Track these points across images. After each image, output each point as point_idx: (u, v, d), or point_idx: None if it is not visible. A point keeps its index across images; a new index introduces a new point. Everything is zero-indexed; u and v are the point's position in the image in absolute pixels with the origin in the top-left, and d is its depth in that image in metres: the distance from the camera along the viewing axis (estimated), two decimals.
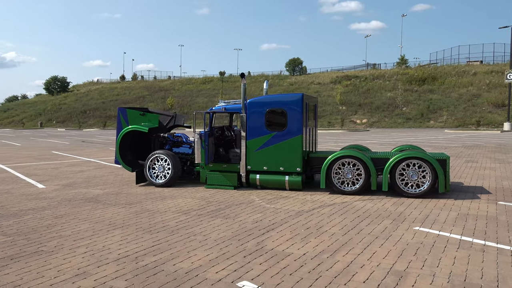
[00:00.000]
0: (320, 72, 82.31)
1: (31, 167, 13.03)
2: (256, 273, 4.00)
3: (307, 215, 6.36)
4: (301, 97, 8.27)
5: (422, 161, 7.63)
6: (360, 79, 69.45)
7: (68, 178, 10.45)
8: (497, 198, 7.59)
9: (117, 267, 4.20)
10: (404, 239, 5.12)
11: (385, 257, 4.45)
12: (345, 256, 4.49)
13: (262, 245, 4.89)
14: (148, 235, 5.34)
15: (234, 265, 4.22)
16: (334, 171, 8.11)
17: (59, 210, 6.84)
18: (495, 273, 3.98)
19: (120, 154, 9.41)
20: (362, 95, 62.94)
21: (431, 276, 3.91)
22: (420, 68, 71.12)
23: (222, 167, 8.95)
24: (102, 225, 5.86)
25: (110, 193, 8.42)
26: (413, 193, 7.68)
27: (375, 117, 55.42)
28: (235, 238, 5.19)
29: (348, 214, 6.45)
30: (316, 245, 4.88)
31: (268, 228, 5.62)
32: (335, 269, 4.09)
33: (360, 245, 4.86)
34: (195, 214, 6.49)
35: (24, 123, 71.79)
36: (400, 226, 5.73)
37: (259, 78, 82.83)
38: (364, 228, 5.61)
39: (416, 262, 4.28)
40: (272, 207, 6.97)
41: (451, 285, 3.70)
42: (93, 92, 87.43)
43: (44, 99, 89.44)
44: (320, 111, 59.97)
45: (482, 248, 4.75)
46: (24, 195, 8.22)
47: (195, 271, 4.05)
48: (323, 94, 66.04)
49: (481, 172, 11.09)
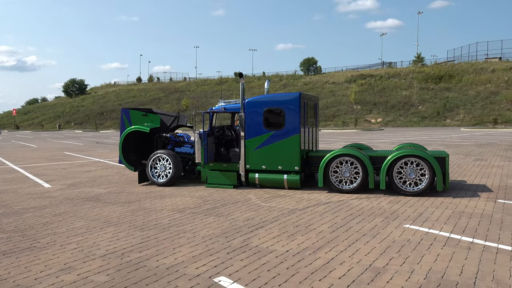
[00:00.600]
0: (335, 72, 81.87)
1: (42, 167, 13.35)
2: (235, 269, 4.06)
3: (299, 213, 6.39)
4: (298, 96, 8.29)
5: (420, 159, 7.58)
6: (375, 78, 68.84)
7: (74, 178, 10.68)
8: (497, 196, 7.49)
9: (102, 262, 4.31)
10: (391, 236, 5.11)
11: (367, 254, 4.46)
12: (328, 253, 4.51)
13: (247, 242, 4.95)
14: (139, 232, 5.45)
15: (216, 261, 4.29)
16: (332, 170, 8.11)
17: (59, 209, 7.01)
18: (475, 270, 3.95)
19: (123, 154, 9.58)
20: (377, 94, 62.38)
21: (409, 272, 3.91)
22: (436, 65, 70.10)
23: (222, 167, 9.04)
24: (97, 223, 6.00)
25: (112, 192, 8.58)
26: (411, 191, 7.63)
27: (390, 116, 54.87)
28: (223, 235, 5.26)
29: (341, 212, 6.45)
30: (301, 242, 4.91)
31: (257, 226, 5.68)
32: (314, 265, 4.12)
33: (345, 243, 4.87)
34: (189, 212, 6.59)
35: (43, 125, 73.28)
36: (391, 224, 5.71)
37: (274, 78, 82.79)
38: (353, 226, 5.61)
39: (398, 259, 4.28)
40: (267, 205, 7.02)
41: (427, 281, 3.70)
42: (110, 94, 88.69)
43: (63, 101, 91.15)
44: (334, 110, 59.66)
45: (469, 245, 4.72)
46: (30, 194, 8.44)
47: (176, 267, 4.13)
48: (337, 94, 65.68)
49: (487, 170, 10.92)
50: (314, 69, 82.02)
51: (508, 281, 3.68)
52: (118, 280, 3.82)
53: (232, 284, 3.67)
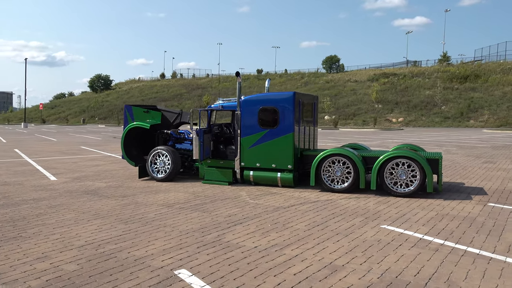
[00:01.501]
0: (357, 70, 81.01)
1: (54, 161, 13.83)
2: (198, 262, 4.22)
3: (283, 211, 6.50)
4: (293, 96, 8.38)
5: (411, 160, 7.57)
6: (398, 77, 67.82)
7: (81, 172, 11.05)
8: (490, 200, 7.42)
9: (77, 252, 4.54)
10: (364, 236, 5.17)
11: (332, 252, 4.55)
12: (294, 250, 4.62)
13: (221, 237, 5.10)
14: (122, 225, 5.68)
15: (183, 254, 4.46)
16: (324, 169, 8.18)
17: (56, 201, 7.33)
18: (432, 271, 4.00)
19: (124, 149, 9.88)
20: (400, 93, 61.48)
21: (366, 271, 3.99)
22: (462, 65, 68.53)
23: (219, 163, 9.22)
24: (86, 215, 6.26)
25: (112, 186, 8.88)
26: (401, 192, 7.63)
27: (411, 116, 54.03)
28: (200, 230, 5.43)
29: (324, 211, 6.53)
30: (273, 239, 5.04)
31: (237, 222, 5.82)
32: (275, 261, 4.24)
33: (316, 241, 4.97)
34: (177, 207, 6.79)
35: (68, 119, 75.16)
36: (369, 224, 5.77)
37: (295, 76, 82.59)
38: (330, 225, 5.69)
39: (360, 258, 4.36)
40: (254, 202, 7.16)
41: (379, 280, 3.77)
42: (134, 89, 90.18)
43: (89, 96, 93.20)
44: (355, 109, 59.11)
45: (438, 247, 4.75)
46: (34, 187, 8.81)
47: (143, 259, 4.32)
48: (359, 92, 65.02)
49: (492, 173, 10.76)
50: (336, 67, 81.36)
51: (460, 283, 3.72)
52: (85, 270, 4.03)
53: (190, 277, 3.84)
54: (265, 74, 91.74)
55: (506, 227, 5.62)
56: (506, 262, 4.26)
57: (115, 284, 3.67)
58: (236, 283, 3.70)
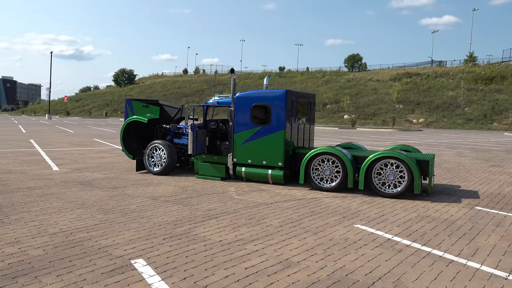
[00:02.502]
0: (380, 69, 79.91)
1: (63, 152, 14.23)
2: (158, 253, 4.33)
3: (263, 207, 6.57)
4: (285, 93, 8.41)
5: (399, 161, 7.51)
6: (422, 77, 66.62)
7: (84, 163, 11.35)
8: (479, 204, 7.30)
9: (47, 239, 4.72)
10: (333, 235, 5.20)
11: (294, 249, 4.59)
12: (257, 245, 4.69)
13: (191, 231, 5.21)
14: (101, 216, 5.85)
15: (147, 245, 4.59)
16: (314, 168, 8.19)
17: (48, 190, 7.58)
18: (385, 271, 4.00)
19: (123, 142, 10.10)
20: (422, 93, 60.41)
21: (318, 268, 4.02)
22: (488, 66, 66.76)
23: (213, 159, 9.33)
24: (71, 205, 6.47)
25: (108, 177, 9.10)
26: (389, 193, 7.58)
27: (433, 117, 53.05)
28: (174, 223, 5.55)
29: (305, 209, 6.56)
30: (241, 234, 5.11)
31: (213, 216, 5.92)
32: (233, 255, 4.32)
33: (283, 237, 5.02)
34: (162, 200, 6.93)
35: (91, 112, 76.76)
36: (343, 223, 5.77)
37: (316, 74, 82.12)
38: (304, 223, 5.73)
39: (318, 256, 4.39)
40: (239, 198, 7.24)
41: (328, 278, 3.81)
42: (157, 84, 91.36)
43: (113, 90, 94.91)
44: (375, 109, 58.39)
45: (402, 248, 4.73)
46: (34, 176, 9.12)
47: (107, 248, 4.46)
48: (380, 92, 64.17)
49: (494, 177, 10.54)
50: (358, 66, 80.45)
51: (409, 284, 3.72)
52: (49, 255, 4.20)
53: (143, 266, 3.95)
54: (287, 71, 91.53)
55: (482, 231, 5.55)
56: (465, 266, 4.22)
57: (70, 270, 3.82)
58: (185, 274, 3.79)
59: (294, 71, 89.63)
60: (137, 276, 3.73)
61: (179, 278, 3.69)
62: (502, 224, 5.94)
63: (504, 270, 4.11)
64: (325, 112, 61.33)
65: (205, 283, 3.60)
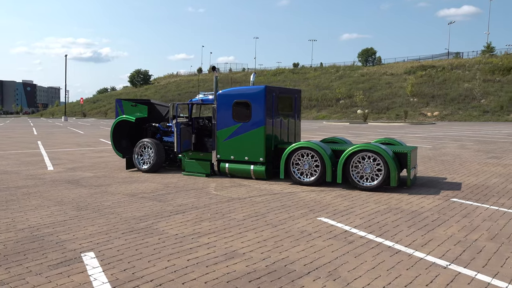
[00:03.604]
0: (394, 63, 78.92)
1: (64, 152, 14.60)
2: (111, 246, 4.49)
3: (235, 202, 6.68)
4: (263, 89, 8.49)
5: (376, 154, 7.51)
6: (437, 69, 65.59)
7: (80, 163, 11.65)
8: (456, 195, 7.26)
9: (12, 234, 4.93)
10: (292, 227, 5.27)
11: (246, 241, 4.69)
12: (210, 238, 4.80)
13: (153, 225, 5.36)
14: (74, 212, 6.05)
15: (104, 239, 4.75)
16: (294, 162, 8.25)
17: (34, 189, 7.84)
18: (327, 261, 4.07)
19: (114, 141, 10.34)
20: (437, 86, 59.50)
21: (260, 259, 4.11)
22: (506, 56, 65.22)
23: (199, 156, 9.49)
24: (49, 202, 6.69)
25: (97, 176, 9.34)
26: (367, 186, 7.60)
27: (448, 110, 52.23)
28: (140, 218, 5.71)
29: (276, 203, 6.65)
30: (200, 228, 5.23)
31: (181, 211, 6.06)
32: (182, 248, 4.44)
33: (240, 230, 5.12)
34: (139, 197, 7.11)
35: (107, 113, 77.94)
36: (308, 216, 5.84)
37: (330, 69, 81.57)
38: (269, 216, 5.81)
39: (267, 247, 4.48)
40: (216, 193, 7.37)
41: (266, 268, 3.89)
42: (172, 84, 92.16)
43: (128, 91, 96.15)
44: (388, 103, 57.76)
45: (355, 239, 4.78)
46: (27, 176, 9.42)
47: (64, 242, 4.64)
48: (394, 85, 63.46)
49: (486, 168, 10.41)
50: (372, 60, 79.58)
51: (344, 273, 3.78)
52: (7, 250, 4.40)
53: (91, 259, 4.11)
54: (300, 67, 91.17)
55: (446, 222, 5.54)
56: (410, 256, 4.25)
57: (20, 263, 4.01)
58: (127, 265, 3.94)
59: (307, 67, 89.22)
60: (81, 268, 3.88)
61: (119, 270, 3.83)
62: (470, 215, 5.91)
63: (448, 260, 4.13)
64: (338, 107, 60.95)
65: (142, 274, 3.73)
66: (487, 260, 4.12)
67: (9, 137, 22.66)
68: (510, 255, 4.28)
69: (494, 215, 5.90)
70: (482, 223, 5.52)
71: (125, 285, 3.50)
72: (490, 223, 5.49)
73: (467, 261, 4.11)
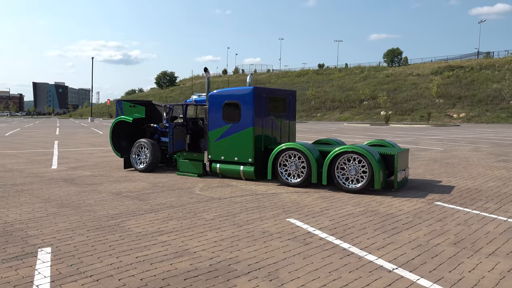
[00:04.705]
0: (421, 63, 77.25)
1: (75, 152, 15.03)
2: (70, 242, 4.63)
3: (213, 202, 6.74)
4: (252, 90, 8.52)
5: (361, 156, 7.42)
6: (465, 70, 63.86)
7: (84, 162, 11.97)
8: (442, 199, 7.10)
9: None
10: (257, 228, 5.28)
11: (203, 241, 4.74)
12: (170, 236, 4.88)
13: (122, 223, 5.48)
14: (54, 209, 6.25)
15: (68, 235, 4.89)
16: (282, 163, 8.25)
17: (28, 186, 8.12)
18: (272, 262, 4.07)
19: (113, 141, 10.58)
20: (464, 87, 57.94)
21: (208, 258, 4.15)
22: None
23: (193, 156, 9.61)
24: (36, 200, 6.93)
25: (94, 175, 9.59)
26: (352, 188, 7.52)
27: (475, 111, 50.76)
28: (113, 216, 5.84)
29: (254, 203, 6.67)
30: (166, 226, 5.32)
31: (155, 210, 6.17)
32: (137, 246, 4.53)
33: (203, 230, 5.17)
34: (123, 196, 7.27)
35: None
36: (279, 217, 5.84)
37: (354, 70, 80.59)
38: (239, 217, 5.85)
39: (220, 247, 4.51)
40: (199, 193, 7.45)
41: (209, 267, 3.93)
42: (196, 85, 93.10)
43: (155, 92, 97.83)
44: (413, 104, 56.62)
45: (312, 241, 4.76)
46: (29, 174, 9.77)
47: (29, 237, 4.80)
48: (420, 86, 62.17)
49: (490, 172, 10.11)
50: (398, 60, 78.15)
51: (284, 274, 3.78)
52: None
53: (46, 254, 4.25)
54: (325, 68, 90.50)
55: (415, 226, 5.44)
56: (360, 258, 4.21)
57: None
58: (76, 261, 4.05)
59: (332, 68, 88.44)
60: (31, 262, 4.03)
61: (66, 265, 3.95)
62: (445, 219, 5.78)
63: (397, 264, 4.07)
64: (361, 108, 60.18)
65: (86, 270, 3.84)
66: (438, 265, 4.03)
67: (30, 137, 23.48)
68: (465, 260, 4.18)
69: (471, 220, 5.75)
70: (455, 227, 5.39)
71: (64, 280, 3.62)
72: (462, 228, 5.35)
73: (416, 265, 4.03)
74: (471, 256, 4.31)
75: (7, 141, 19.99)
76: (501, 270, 3.92)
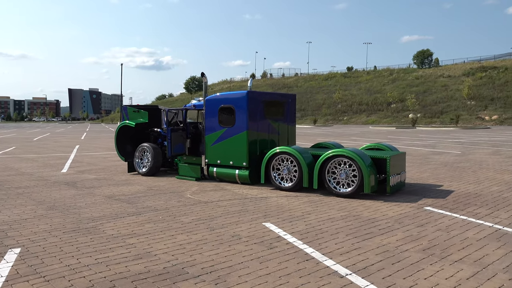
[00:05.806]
0: (453, 64, 75.10)
1: (90, 156, 15.47)
2: (41, 243, 4.77)
3: (198, 206, 6.79)
4: (246, 95, 8.55)
5: (350, 159, 7.32)
6: (498, 70, 61.63)
7: (94, 166, 12.31)
8: (434, 204, 6.90)
9: None
10: (229, 232, 5.30)
11: (169, 244, 4.79)
12: (139, 239, 4.96)
13: (99, 225, 5.60)
14: (42, 211, 6.46)
15: (42, 236, 5.05)
16: (275, 167, 8.23)
17: (31, 190, 8.42)
18: (227, 265, 4.07)
19: (118, 146, 10.84)
20: (497, 88, 55.95)
21: (165, 261, 4.20)
22: None
23: (192, 160, 9.71)
24: (31, 202, 7.19)
25: (97, 179, 9.85)
26: (343, 192, 7.41)
27: (508, 113, 48.93)
28: (94, 218, 5.98)
29: (238, 207, 6.68)
30: (140, 229, 5.41)
31: (137, 213, 6.27)
32: (103, 248, 4.63)
33: (174, 233, 5.23)
34: (114, 199, 7.43)
35: None
36: (256, 221, 5.82)
37: (383, 72, 79.24)
38: (215, 220, 5.87)
39: (183, 250, 4.55)
40: (189, 197, 7.53)
41: (162, 269, 3.98)
42: (224, 90, 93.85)
43: (184, 97, 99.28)
44: (443, 106, 55.11)
45: (278, 245, 4.72)
46: (37, 177, 10.13)
47: (6, 238, 4.98)
48: (450, 88, 60.48)
49: (498, 176, 9.75)
50: (429, 62, 76.29)
51: (232, 278, 3.77)
52: None
53: (13, 255, 4.41)
54: (353, 71, 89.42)
55: (391, 232, 5.31)
56: (318, 263, 4.15)
57: None
58: (37, 261, 4.18)
59: (360, 71, 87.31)
60: None
61: (27, 265, 4.09)
62: (427, 225, 5.62)
63: (353, 270, 3.99)
64: (389, 111, 59.08)
65: (42, 270, 3.96)
66: (395, 272, 3.93)
67: (55, 141, 24.32)
68: (426, 267, 4.05)
69: (454, 226, 5.56)
70: (432, 233, 5.23)
71: (18, 279, 3.74)
72: (440, 234, 5.19)
73: (372, 271, 3.94)
74: (435, 263, 4.17)
75: (32, 146, 20.79)
76: (459, 278, 3.78)
